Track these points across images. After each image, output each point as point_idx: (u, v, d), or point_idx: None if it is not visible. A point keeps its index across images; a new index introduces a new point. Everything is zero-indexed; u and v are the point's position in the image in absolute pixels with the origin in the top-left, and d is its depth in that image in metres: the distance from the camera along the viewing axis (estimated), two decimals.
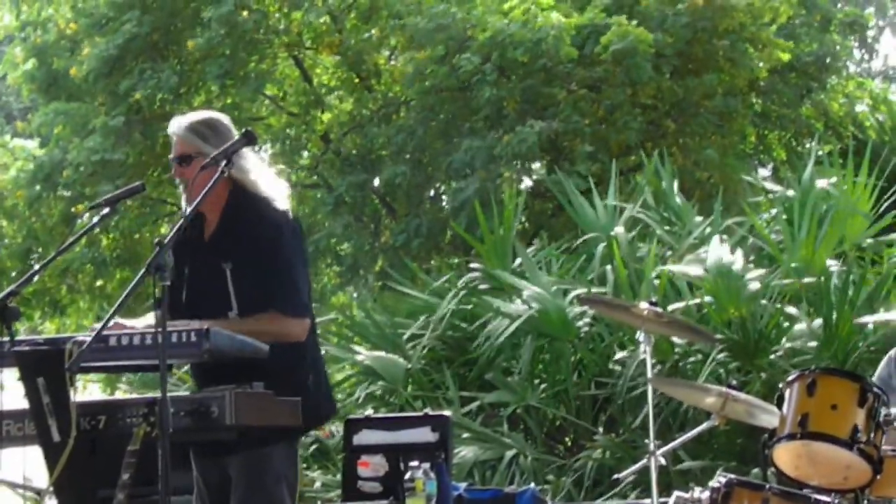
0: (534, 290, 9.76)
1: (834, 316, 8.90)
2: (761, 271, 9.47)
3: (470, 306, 10.18)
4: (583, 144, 15.22)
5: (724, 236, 9.90)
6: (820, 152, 11.10)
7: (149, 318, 5.36)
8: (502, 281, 10.17)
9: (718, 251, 9.40)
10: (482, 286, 10.32)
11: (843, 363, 8.75)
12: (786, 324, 9.15)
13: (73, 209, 16.62)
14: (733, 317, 9.07)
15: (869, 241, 9.94)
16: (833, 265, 9.38)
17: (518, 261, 10.43)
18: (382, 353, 10.04)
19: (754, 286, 9.26)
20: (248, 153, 5.39)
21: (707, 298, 9.30)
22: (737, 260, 9.39)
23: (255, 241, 5.36)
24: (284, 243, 5.38)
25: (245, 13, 16.10)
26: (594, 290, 9.78)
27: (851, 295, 8.94)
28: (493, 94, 15.30)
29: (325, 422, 5.78)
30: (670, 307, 9.14)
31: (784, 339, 9.12)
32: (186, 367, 7.69)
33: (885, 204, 10.11)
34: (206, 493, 5.42)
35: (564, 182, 10.92)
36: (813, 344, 9.03)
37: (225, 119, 5.64)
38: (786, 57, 16.05)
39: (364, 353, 10.09)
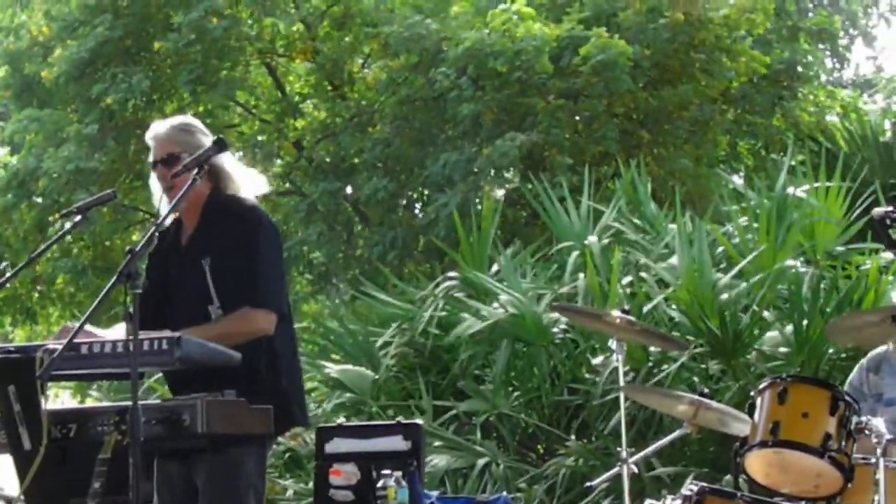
0: (510, 294, 9.76)
1: (805, 322, 8.93)
2: (730, 275, 9.50)
3: (444, 313, 10.17)
4: (562, 156, 15.24)
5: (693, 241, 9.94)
6: (791, 161, 11.14)
7: (117, 330, 5.39)
8: (478, 286, 10.17)
9: (693, 255, 9.44)
10: (458, 293, 10.31)
11: (815, 369, 8.79)
12: (756, 331, 9.18)
13: (48, 218, 16.57)
14: (708, 322, 9.08)
15: (840, 248, 9.98)
16: (805, 272, 9.41)
17: (494, 268, 10.43)
18: (349, 366, 10.04)
19: (728, 292, 9.30)
20: (226, 154, 5.45)
21: (685, 302, 9.32)
22: (712, 264, 9.43)
23: (235, 238, 5.45)
24: (262, 240, 5.48)
25: (215, 20, 16.07)
26: (567, 296, 9.79)
27: (822, 302, 8.98)
28: (472, 109, 15.32)
29: (293, 427, 5.81)
30: (643, 309, 9.16)
31: (757, 344, 9.16)
32: (158, 375, 7.67)
33: (856, 212, 10.15)
34: (171, 501, 5.41)
35: (540, 190, 10.91)
36: (785, 350, 9.07)
37: (200, 123, 5.80)
38: (762, 70, 16.12)
39: (331, 367, 10.08)
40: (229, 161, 5.53)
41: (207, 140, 5.60)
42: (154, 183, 5.68)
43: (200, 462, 5.30)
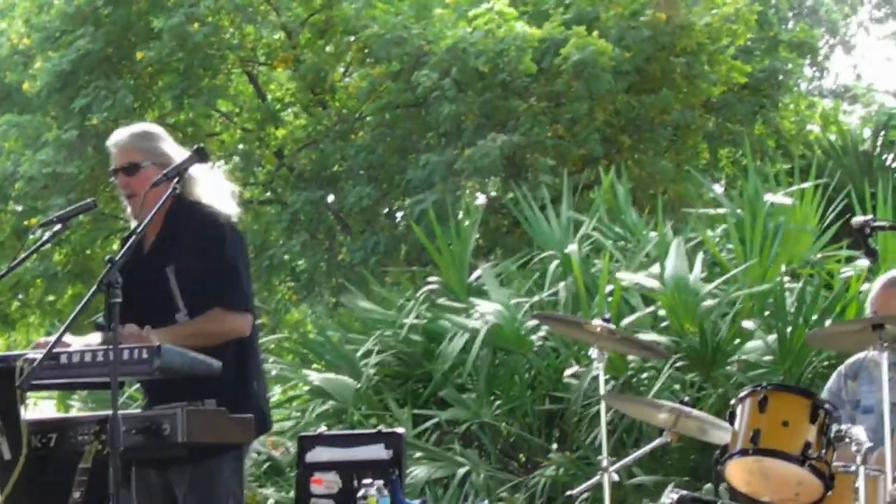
0: (490, 304, 9.76)
1: (788, 330, 8.95)
2: (715, 284, 9.52)
3: (425, 321, 10.16)
4: (545, 157, 15.25)
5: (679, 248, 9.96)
6: (771, 170, 11.19)
7: (89, 338, 5.38)
8: (459, 294, 10.17)
9: (675, 263, 9.45)
10: (439, 300, 10.31)
11: (799, 377, 8.81)
12: (737, 340, 9.19)
13: (24, 223, 16.52)
14: (689, 330, 9.10)
15: (817, 256, 10.01)
16: (785, 281, 9.43)
17: (475, 275, 10.43)
18: (332, 375, 10.02)
19: (710, 300, 9.31)
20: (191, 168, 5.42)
21: (662, 312, 9.34)
22: (694, 273, 9.44)
23: (199, 242, 5.43)
24: (227, 244, 5.46)
25: (196, 25, 16.05)
26: (548, 305, 9.79)
27: (805, 310, 9.00)
28: (451, 110, 15.31)
29: (264, 433, 5.81)
30: (624, 321, 9.17)
31: (739, 353, 9.17)
32: (138, 385, 7.64)
33: (834, 221, 10.18)
34: None
35: (521, 198, 10.92)
36: (768, 358, 9.09)
37: (161, 130, 5.73)
38: (743, 80, 16.17)
39: (314, 375, 10.07)
40: (194, 167, 5.48)
41: (168, 146, 5.59)
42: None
43: (179, 471, 5.29)
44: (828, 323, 8.72)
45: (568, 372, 9.40)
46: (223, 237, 5.47)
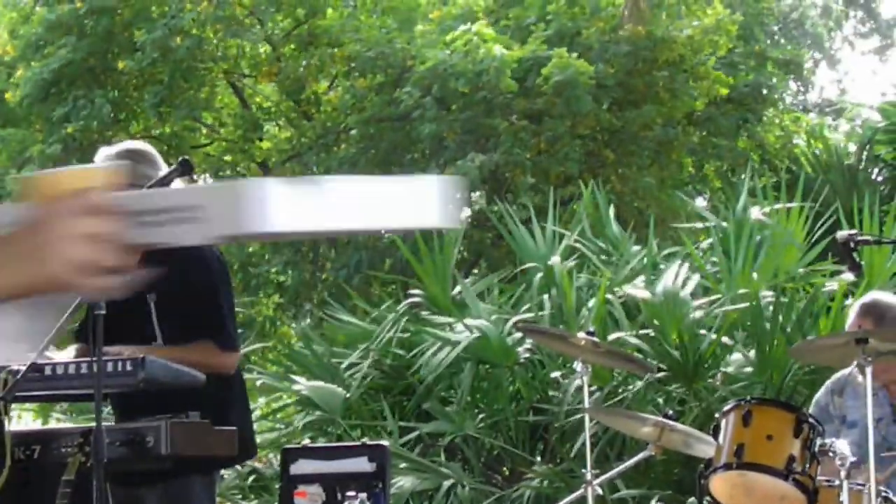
0: (473, 318, 9.77)
1: (767, 343, 8.98)
2: (701, 300, 9.55)
3: (408, 334, 10.16)
4: (525, 176, 15.28)
5: (663, 265, 9.99)
6: (756, 183, 11.21)
7: (69, 352, 5.37)
8: (443, 306, 10.17)
9: (668, 277, 9.49)
10: (422, 312, 10.31)
11: (780, 387, 8.83)
12: (718, 351, 9.23)
13: None
14: (674, 342, 9.12)
15: (801, 270, 10.04)
16: (767, 295, 9.46)
17: (457, 289, 10.44)
18: (321, 383, 10.01)
19: (696, 313, 9.34)
20: (174, 181, 5.37)
21: (655, 322, 9.35)
22: (685, 287, 9.47)
23: (183, 274, 5.20)
24: (213, 275, 5.40)
25: (179, 39, 16.05)
26: (532, 318, 9.79)
27: (782, 321, 9.04)
28: (432, 129, 15.34)
29: (249, 458, 5.78)
30: (611, 336, 9.18)
31: (721, 365, 9.21)
32: None
33: (818, 234, 10.21)
34: None
35: (504, 212, 10.93)
36: (748, 370, 9.12)
37: (149, 149, 5.67)
38: (724, 91, 16.21)
39: (302, 383, 10.05)
40: (177, 182, 5.42)
41: (154, 169, 5.46)
42: None
43: (149, 486, 5.28)
44: (810, 336, 8.75)
45: (555, 374, 9.43)
46: (208, 268, 5.42)
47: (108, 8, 16.28)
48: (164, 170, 5.54)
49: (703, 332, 9.31)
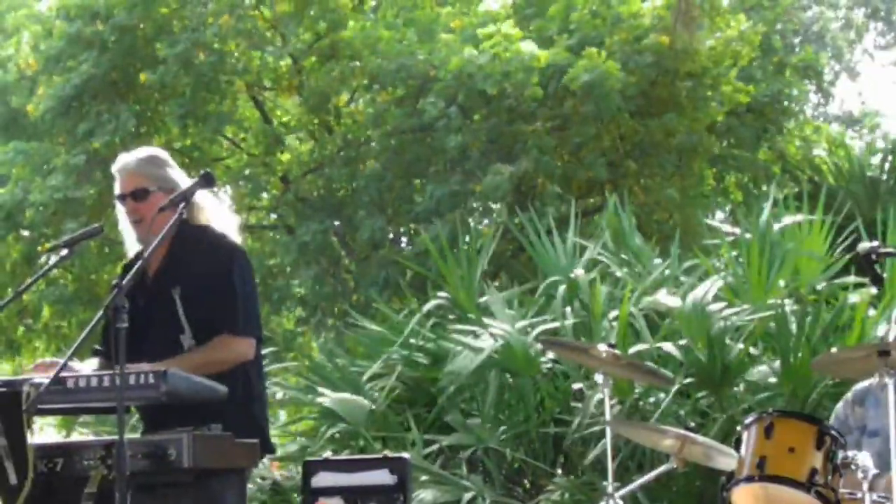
0: (499, 325, 9.75)
1: (792, 355, 8.96)
2: (730, 310, 9.53)
3: (431, 344, 10.12)
4: (552, 184, 15.26)
5: (684, 278, 9.98)
6: (777, 195, 11.18)
7: (88, 363, 5.40)
8: (467, 311, 10.16)
9: (696, 288, 9.49)
10: (448, 316, 10.31)
11: (805, 400, 8.81)
12: (745, 359, 9.21)
13: (37, 249, 16.55)
14: (702, 350, 9.10)
15: (823, 283, 10.00)
16: (789, 307, 9.43)
17: (482, 299, 10.42)
18: (346, 395, 10.01)
19: (721, 324, 9.33)
20: (196, 193, 5.45)
21: (682, 331, 9.33)
22: (708, 296, 9.46)
23: (207, 266, 5.47)
24: (235, 267, 5.49)
25: (202, 54, 16.09)
26: (555, 329, 9.77)
27: (807, 332, 9.01)
28: (458, 141, 15.33)
29: (267, 453, 5.81)
30: (632, 349, 9.16)
31: (746, 376, 9.19)
32: None
33: (840, 247, 10.18)
34: None
35: (527, 224, 10.91)
36: (773, 380, 9.10)
37: (166, 155, 5.81)
38: (745, 100, 16.18)
39: (328, 395, 10.05)
40: (199, 192, 5.51)
41: (175, 173, 5.65)
42: (121, 215, 5.70)
43: (182, 496, 5.28)
44: (834, 350, 8.72)
45: (576, 386, 9.42)
46: (231, 261, 5.52)
47: (131, 26, 16.33)
48: (183, 177, 5.63)
49: (729, 341, 9.29)
